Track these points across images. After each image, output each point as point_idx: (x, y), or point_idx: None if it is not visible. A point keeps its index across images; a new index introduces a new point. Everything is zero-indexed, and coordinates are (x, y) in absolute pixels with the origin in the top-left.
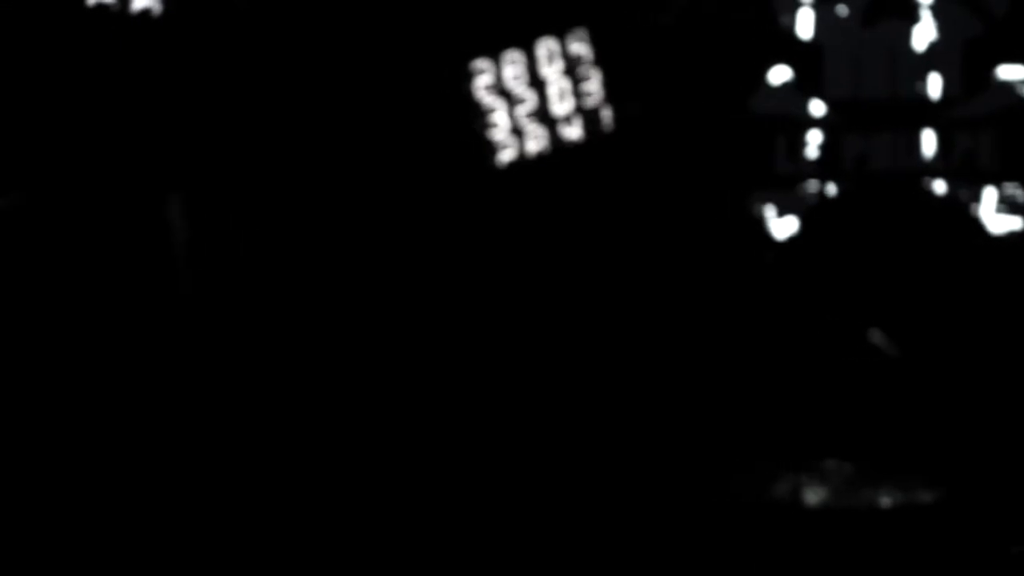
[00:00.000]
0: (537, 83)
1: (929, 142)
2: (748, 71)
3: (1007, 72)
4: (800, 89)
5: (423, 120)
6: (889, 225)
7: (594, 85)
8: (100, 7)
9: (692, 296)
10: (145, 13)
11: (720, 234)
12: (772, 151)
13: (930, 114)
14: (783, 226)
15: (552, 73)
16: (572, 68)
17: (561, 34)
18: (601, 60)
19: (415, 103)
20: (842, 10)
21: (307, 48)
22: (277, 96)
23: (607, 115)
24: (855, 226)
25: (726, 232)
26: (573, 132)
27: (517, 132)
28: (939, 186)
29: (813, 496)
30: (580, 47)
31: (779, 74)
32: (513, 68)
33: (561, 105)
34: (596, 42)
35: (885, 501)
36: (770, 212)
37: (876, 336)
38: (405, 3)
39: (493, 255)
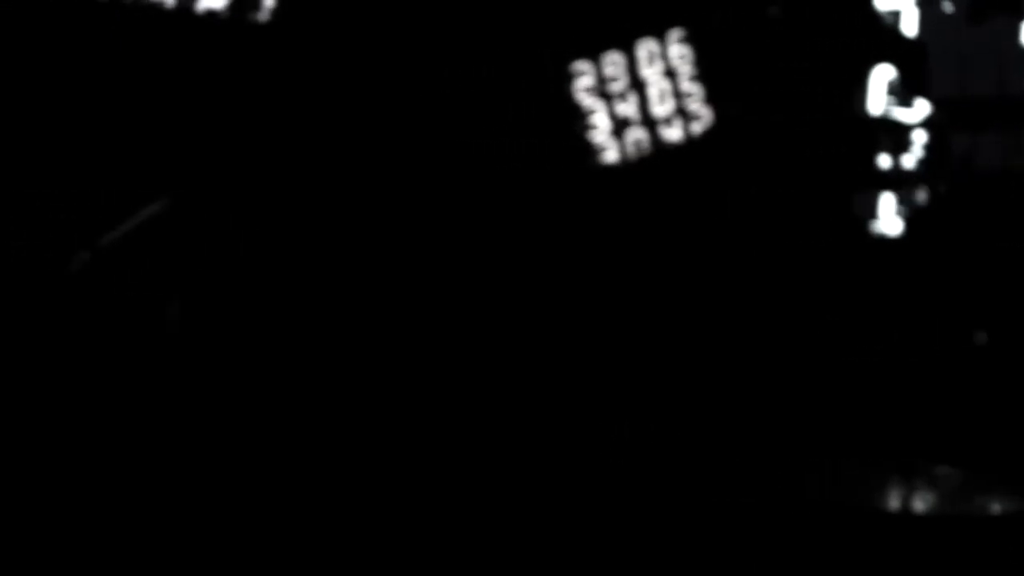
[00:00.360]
0: (637, 84)
1: None
2: (852, 70)
3: None
4: (905, 88)
5: (524, 122)
6: (996, 225)
7: (694, 86)
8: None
9: (795, 297)
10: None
11: (823, 235)
12: (876, 151)
13: None
14: (888, 227)
15: (652, 74)
16: (672, 69)
17: (661, 35)
18: (701, 61)
19: (516, 105)
20: (947, 7)
21: (407, 54)
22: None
23: (707, 116)
24: (961, 226)
25: (829, 233)
26: (673, 133)
27: (617, 134)
28: None
29: (923, 502)
30: (680, 48)
31: (884, 73)
32: (613, 69)
33: (661, 106)
34: (696, 43)
35: (996, 508)
36: (874, 213)
37: (982, 339)
38: (505, 5)
39: (594, 256)
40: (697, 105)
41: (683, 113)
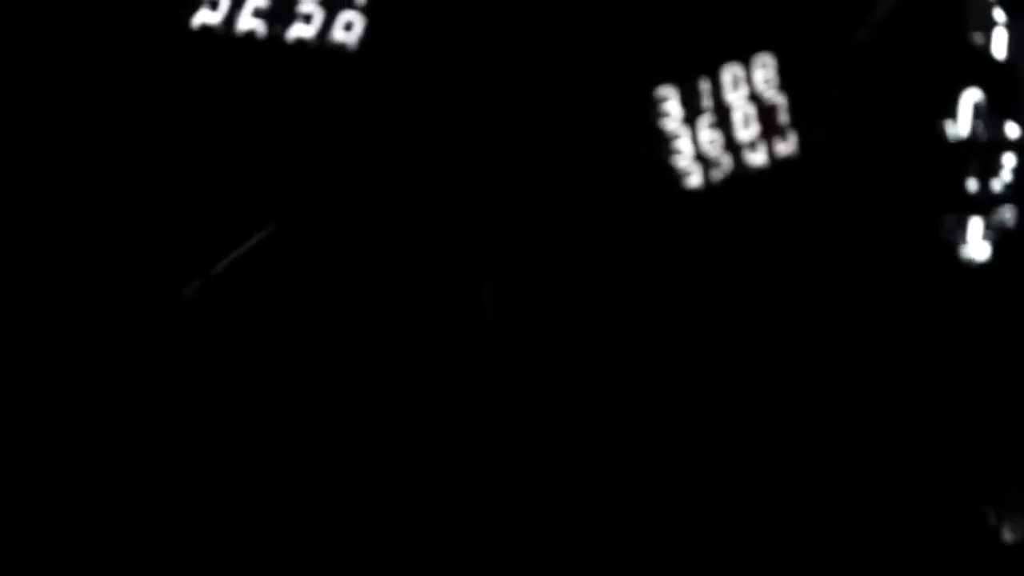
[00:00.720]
0: (722, 109)
1: None
2: (941, 92)
3: None
4: (994, 111)
5: (608, 147)
6: None
7: (780, 111)
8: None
9: (882, 321)
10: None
11: (911, 259)
12: (964, 175)
13: None
14: (976, 252)
15: (737, 99)
16: (757, 94)
17: (746, 60)
18: (787, 85)
19: (600, 131)
20: None
21: (490, 77)
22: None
23: (793, 140)
24: None
25: (916, 258)
26: (758, 158)
27: (701, 159)
28: None
29: (1014, 532)
30: (766, 72)
31: (972, 95)
32: (698, 94)
33: (746, 131)
34: (782, 67)
35: None
36: (962, 237)
37: None
38: (590, 31)
39: (679, 281)
40: (782, 129)
41: (768, 138)
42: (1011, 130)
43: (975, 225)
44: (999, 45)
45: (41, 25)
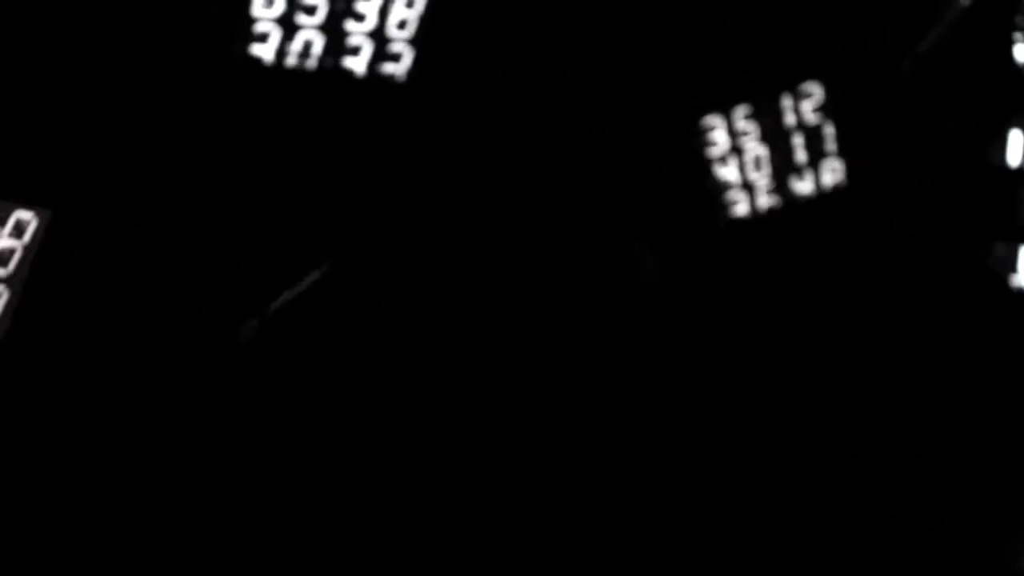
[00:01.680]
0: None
1: None
2: (990, 121)
3: None
4: None
5: (654, 177)
6: None
7: (827, 138)
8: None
9: (930, 353)
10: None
11: (960, 289)
12: (1015, 204)
13: None
14: None
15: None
16: (803, 122)
17: (793, 88)
18: (834, 113)
19: (646, 160)
20: None
21: (538, 110)
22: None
23: (840, 168)
24: None
25: (966, 287)
26: (805, 187)
27: (748, 187)
28: None
29: None
30: (813, 100)
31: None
32: (744, 123)
33: (793, 160)
34: (830, 95)
35: None
36: (1013, 267)
37: None
38: (635, 61)
39: (727, 310)
40: (829, 157)
41: (815, 166)
42: None
43: None
44: None
45: (91, 64)
